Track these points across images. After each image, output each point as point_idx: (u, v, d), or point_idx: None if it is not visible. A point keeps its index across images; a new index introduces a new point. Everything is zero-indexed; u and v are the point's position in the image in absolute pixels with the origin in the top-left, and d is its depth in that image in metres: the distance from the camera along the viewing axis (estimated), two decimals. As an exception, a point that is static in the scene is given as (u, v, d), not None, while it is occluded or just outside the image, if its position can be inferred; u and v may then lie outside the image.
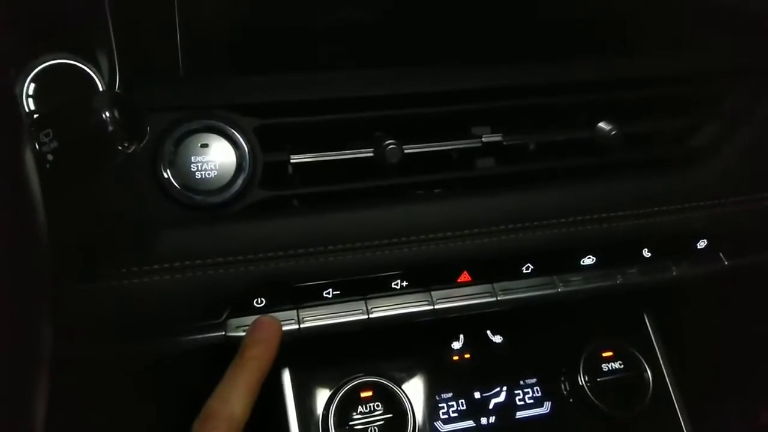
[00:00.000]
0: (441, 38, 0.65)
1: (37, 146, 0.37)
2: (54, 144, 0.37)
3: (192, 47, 0.57)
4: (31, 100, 0.53)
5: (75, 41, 0.57)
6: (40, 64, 0.55)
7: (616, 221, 0.63)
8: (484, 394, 0.69)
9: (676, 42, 0.69)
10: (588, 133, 0.64)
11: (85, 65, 0.58)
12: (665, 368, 0.73)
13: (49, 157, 0.37)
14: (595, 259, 0.65)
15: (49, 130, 0.37)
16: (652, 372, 0.72)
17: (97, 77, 0.58)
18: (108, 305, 0.54)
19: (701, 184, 0.66)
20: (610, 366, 0.71)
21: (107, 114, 0.38)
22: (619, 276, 0.67)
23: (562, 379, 0.71)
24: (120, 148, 0.39)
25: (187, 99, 0.57)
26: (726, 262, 0.69)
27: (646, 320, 0.76)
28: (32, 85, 0.53)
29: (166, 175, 0.54)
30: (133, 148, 0.40)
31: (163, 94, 0.56)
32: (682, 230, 0.65)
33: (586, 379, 0.69)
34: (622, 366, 0.71)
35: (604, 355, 0.71)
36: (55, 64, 0.56)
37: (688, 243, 0.67)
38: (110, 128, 0.37)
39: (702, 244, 0.67)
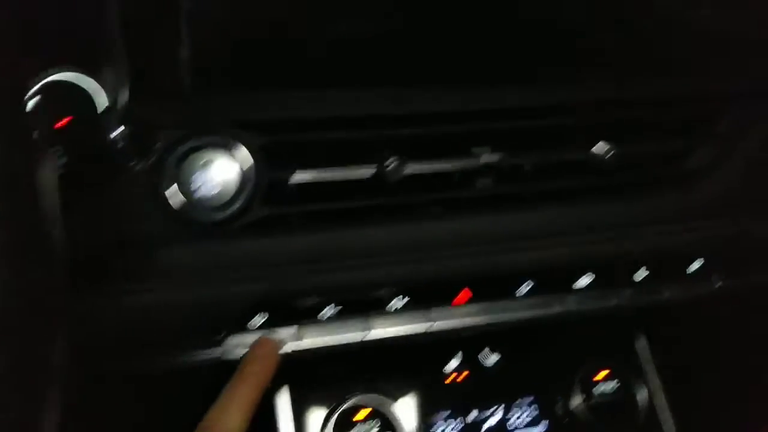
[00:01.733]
0: (441, 58, 0.66)
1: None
2: (63, 160, 0.37)
3: (196, 63, 0.58)
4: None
5: (80, 55, 0.57)
6: (44, 78, 0.54)
7: (613, 242, 0.64)
8: (480, 413, 0.69)
9: (671, 64, 0.70)
10: (584, 153, 0.65)
11: (89, 79, 0.57)
12: (659, 389, 0.74)
13: (57, 172, 0.37)
14: (591, 279, 0.66)
15: (60, 147, 0.37)
16: (646, 392, 0.73)
17: (100, 92, 0.58)
18: (107, 322, 0.53)
19: (696, 205, 0.67)
20: (605, 386, 0.71)
21: (117, 131, 0.38)
22: (615, 297, 0.67)
23: (558, 398, 0.71)
24: (128, 165, 0.39)
25: (190, 116, 0.56)
26: (719, 284, 0.70)
27: (641, 341, 0.76)
28: (35, 99, 0.53)
29: (168, 193, 0.54)
30: (139, 165, 0.40)
31: (167, 111, 0.56)
32: (677, 251, 0.66)
33: (582, 398, 0.70)
34: (617, 386, 0.72)
35: (599, 375, 0.72)
36: (59, 78, 0.56)
37: (682, 264, 0.68)
38: (119, 145, 0.38)
39: (696, 265, 0.68)
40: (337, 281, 0.58)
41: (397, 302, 0.61)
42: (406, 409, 0.67)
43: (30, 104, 0.52)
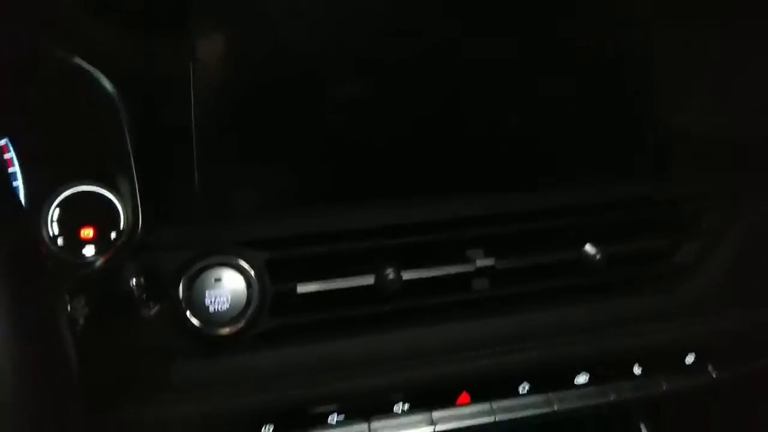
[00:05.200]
0: (433, 168, 0.70)
1: (69, 309, 0.41)
2: (86, 310, 0.41)
3: (207, 189, 0.62)
4: (55, 225, 0.58)
5: (100, 171, 0.62)
6: (65, 191, 0.59)
7: (607, 339, 0.66)
8: None
9: (654, 166, 0.74)
10: (575, 254, 0.68)
11: (108, 192, 0.62)
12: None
13: (81, 321, 0.41)
14: (588, 376, 0.68)
15: (82, 297, 0.41)
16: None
17: (119, 204, 0.62)
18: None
19: (685, 300, 0.69)
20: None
21: (134, 282, 0.42)
22: (613, 393, 0.69)
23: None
24: (144, 311, 0.43)
25: (200, 237, 0.61)
26: (714, 375, 0.71)
27: (643, 429, 0.78)
28: (57, 211, 0.58)
29: (182, 311, 0.58)
30: (155, 310, 0.44)
31: (179, 233, 0.60)
32: (670, 346, 0.68)
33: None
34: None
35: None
36: (79, 191, 0.61)
37: (676, 358, 0.70)
38: (137, 294, 0.42)
39: (690, 358, 0.70)
40: (342, 388, 0.61)
41: (400, 406, 0.64)
42: None
43: (50, 214, 0.57)
